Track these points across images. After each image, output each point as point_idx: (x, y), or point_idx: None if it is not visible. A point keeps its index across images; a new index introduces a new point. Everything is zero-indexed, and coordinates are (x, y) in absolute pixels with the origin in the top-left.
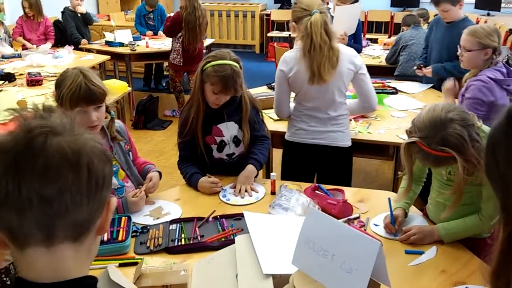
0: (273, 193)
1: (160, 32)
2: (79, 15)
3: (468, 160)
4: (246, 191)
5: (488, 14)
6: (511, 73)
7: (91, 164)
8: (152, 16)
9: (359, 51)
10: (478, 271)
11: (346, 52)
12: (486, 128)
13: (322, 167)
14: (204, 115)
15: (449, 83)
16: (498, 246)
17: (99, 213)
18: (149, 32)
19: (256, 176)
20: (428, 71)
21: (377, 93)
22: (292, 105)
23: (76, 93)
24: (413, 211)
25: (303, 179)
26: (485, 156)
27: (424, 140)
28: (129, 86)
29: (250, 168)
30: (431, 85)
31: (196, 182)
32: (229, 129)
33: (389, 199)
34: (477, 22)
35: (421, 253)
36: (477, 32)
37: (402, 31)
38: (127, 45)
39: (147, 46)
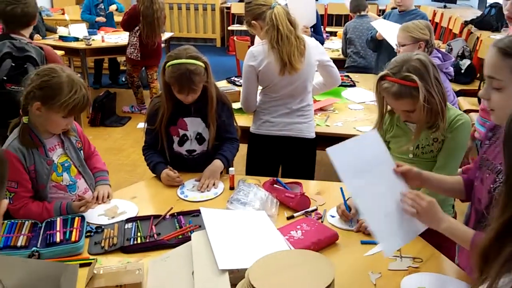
0: (232, 188)
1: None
2: None
3: (429, 92)
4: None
5: (445, 7)
6: (446, 56)
7: None
8: (103, 6)
9: (322, 42)
10: (432, 258)
11: (310, 43)
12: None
13: (287, 159)
14: (173, 106)
15: None
16: (494, 227)
17: None
18: (101, 18)
19: (221, 173)
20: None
21: None
22: (258, 98)
23: (79, 104)
24: None
25: (268, 172)
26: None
27: (392, 71)
28: (84, 82)
29: (217, 163)
30: None
31: (160, 172)
32: (193, 125)
33: (341, 188)
34: (434, 14)
35: (376, 243)
36: (409, 28)
37: (350, 19)
38: (82, 40)
39: (102, 41)
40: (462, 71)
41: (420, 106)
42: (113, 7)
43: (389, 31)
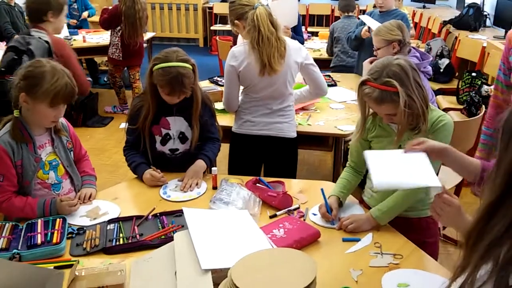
0: (214, 187)
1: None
2: (16, 9)
3: (410, 96)
4: (191, 186)
5: (424, 7)
6: (424, 56)
7: None
8: (76, 6)
9: (301, 43)
10: (412, 255)
11: (291, 45)
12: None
13: (269, 158)
14: (156, 105)
15: (369, 59)
16: (479, 212)
17: None
18: (73, 21)
19: (204, 173)
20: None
21: None
22: (239, 97)
23: (62, 91)
24: (350, 200)
25: (250, 172)
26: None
27: (373, 76)
28: None
29: (200, 163)
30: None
31: (142, 173)
32: (176, 124)
33: (321, 189)
34: (414, 15)
35: (357, 240)
36: (380, 31)
37: (332, 19)
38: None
39: (84, 41)
40: (441, 70)
41: (401, 111)
42: (85, 14)
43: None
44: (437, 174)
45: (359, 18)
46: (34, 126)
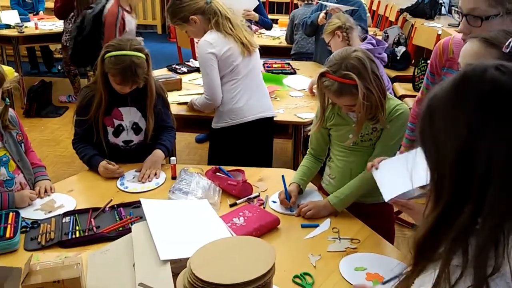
0: (173, 177)
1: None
2: None
3: (368, 89)
4: (149, 176)
5: None
6: (379, 42)
7: None
8: (31, 0)
9: (270, 26)
10: (369, 239)
11: None
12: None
13: (255, 144)
14: (107, 96)
15: None
16: (428, 219)
17: None
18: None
19: (162, 164)
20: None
21: (276, 73)
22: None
23: None
24: (310, 186)
25: (235, 162)
26: (421, 120)
27: (331, 68)
28: (18, 71)
29: (157, 153)
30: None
31: (97, 165)
32: (130, 114)
33: (282, 176)
34: (371, 3)
35: (316, 226)
36: (325, 29)
37: (297, 7)
38: (14, 27)
39: (36, 28)
40: (398, 57)
41: (360, 103)
42: (40, 14)
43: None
44: None
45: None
46: None
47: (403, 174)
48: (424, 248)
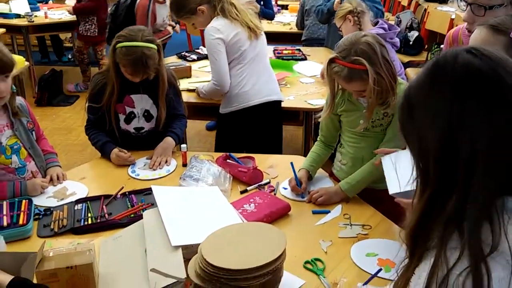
0: (184, 165)
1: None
2: None
3: (378, 74)
4: (160, 163)
5: None
6: (392, 27)
7: None
8: None
9: (272, 17)
10: (381, 225)
11: None
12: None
13: (264, 128)
14: (119, 84)
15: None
16: (417, 208)
17: None
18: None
19: (173, 152)
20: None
21: (286, 60)
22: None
23: None
24: (321, 173)
25: (242, 147)
26: (401, 114)
27: (341, 54)
28: (28, 60)
29: (168, 140)
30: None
31: (110, 151)
32: (142, 102)
33: (291, 163)
34: None
35: (327, 212)
36: (336, 14)
37: None
38: (23, 17)
39: (46, 17)
40: (411, 42)
41: (371, 88)
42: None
43: None
44: None
45: None
46: None
47: (411, 172)
48: (418, 236)
